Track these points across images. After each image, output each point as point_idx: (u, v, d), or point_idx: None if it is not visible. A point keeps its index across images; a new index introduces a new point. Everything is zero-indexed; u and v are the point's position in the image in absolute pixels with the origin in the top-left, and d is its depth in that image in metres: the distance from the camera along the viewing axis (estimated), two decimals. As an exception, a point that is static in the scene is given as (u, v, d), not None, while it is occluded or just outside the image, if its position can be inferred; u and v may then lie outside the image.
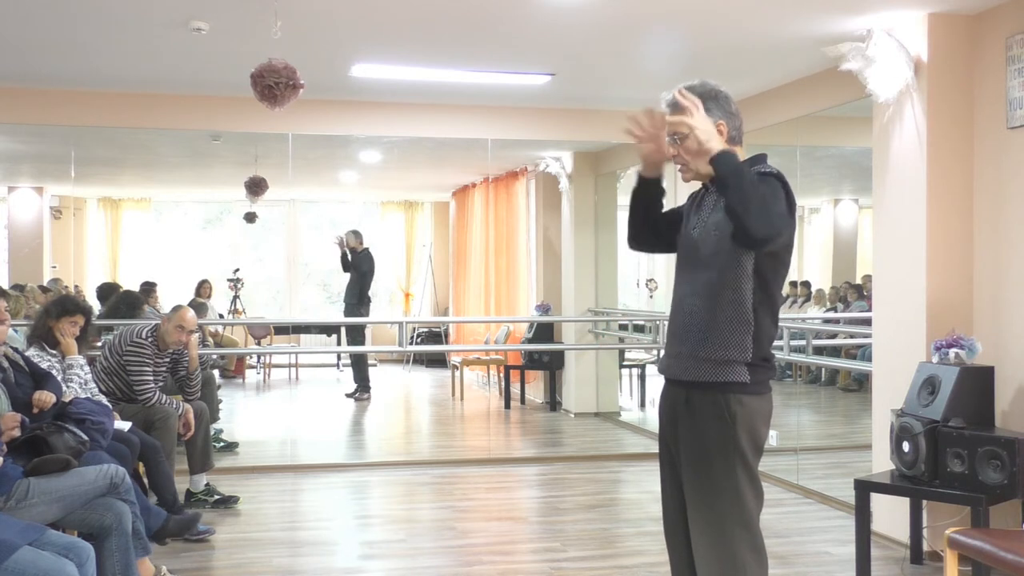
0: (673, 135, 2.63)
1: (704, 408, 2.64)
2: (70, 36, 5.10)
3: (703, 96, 2.62)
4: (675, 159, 2.67)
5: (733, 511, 2.62)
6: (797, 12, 4.63)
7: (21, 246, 9.65)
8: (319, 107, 6.64)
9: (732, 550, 2.60)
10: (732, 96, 2.72)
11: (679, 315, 2.73)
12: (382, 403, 9.89)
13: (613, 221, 9.41)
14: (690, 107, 2.54)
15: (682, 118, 2.55)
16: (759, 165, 2.64)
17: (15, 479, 3.44)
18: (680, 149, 2.63)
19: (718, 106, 2.64)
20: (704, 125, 2.54)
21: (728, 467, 2.61)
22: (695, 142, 2.54)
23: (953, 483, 4.03)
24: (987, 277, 4.60)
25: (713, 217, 2.66)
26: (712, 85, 2.69)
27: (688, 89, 2.62)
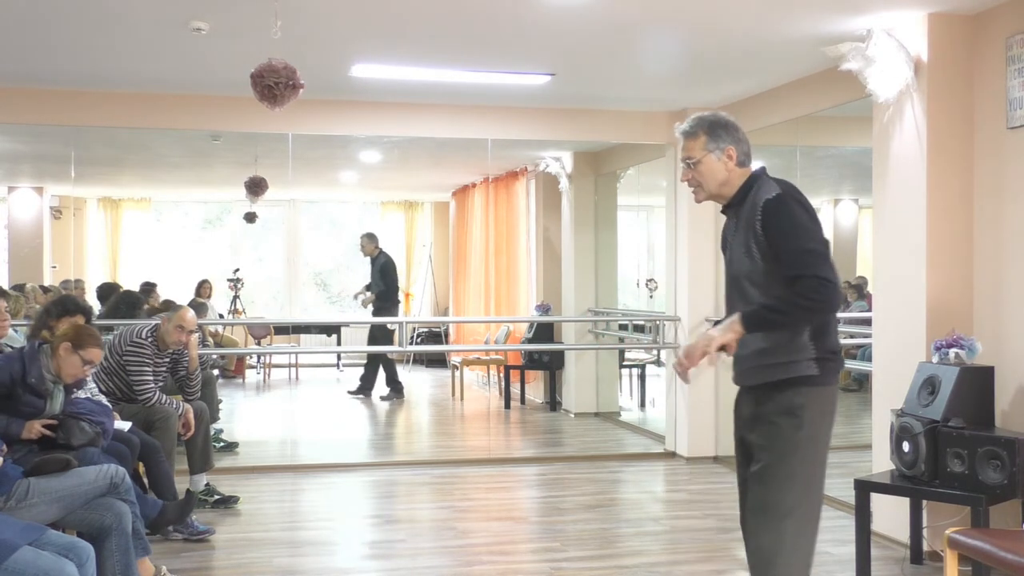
0: (686, 160, 2.87)
1: (774, 405, 2.76)
2: (70, 36, 5.10)
3: (713, 124, 2.86)
4: (688, 182, 2.90)
5: (796, 505, 2.73)
6: (797, 12, 4.63)
7: (21, 246, 9.65)
8: (319, 107, 6.63)
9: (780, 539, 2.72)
10: (739, 125, 2.92)
11: None
12: (382, 403, 9.89)
13: (613, 221, 9.42)
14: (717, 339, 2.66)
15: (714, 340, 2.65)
16: (764, 189, 2.79)
17: (15, 479, 3.45)
18: (693, 173, 2.87)
19: (727, 132, 2.86)
20: (719, 335, 2.66)
21: (800, 459, 2.74)
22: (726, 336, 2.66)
23: (953, 483, 4.03)
24: (987, 277, 4.60)
25: (738, 238, 2.83)
26: (723, 115, 2.92)
27: (699, 119, 2.88)
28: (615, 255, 9.40)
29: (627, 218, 9.67)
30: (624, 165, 8.97)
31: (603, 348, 9.26)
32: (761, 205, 2.73)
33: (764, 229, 2.72)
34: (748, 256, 2.77)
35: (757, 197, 2.77)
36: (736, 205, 2.86)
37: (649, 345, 8.62)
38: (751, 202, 2.79)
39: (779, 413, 2.75)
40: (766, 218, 2.71)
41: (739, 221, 2.83)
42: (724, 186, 2.86)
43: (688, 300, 7.15)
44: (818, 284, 2.61)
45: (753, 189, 2.82)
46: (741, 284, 2.81)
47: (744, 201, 2.82)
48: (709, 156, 2.83)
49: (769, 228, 2.71)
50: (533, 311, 9.61)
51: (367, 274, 10.10)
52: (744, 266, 2.79)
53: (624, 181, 9.32)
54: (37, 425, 3.81)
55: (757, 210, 2.74)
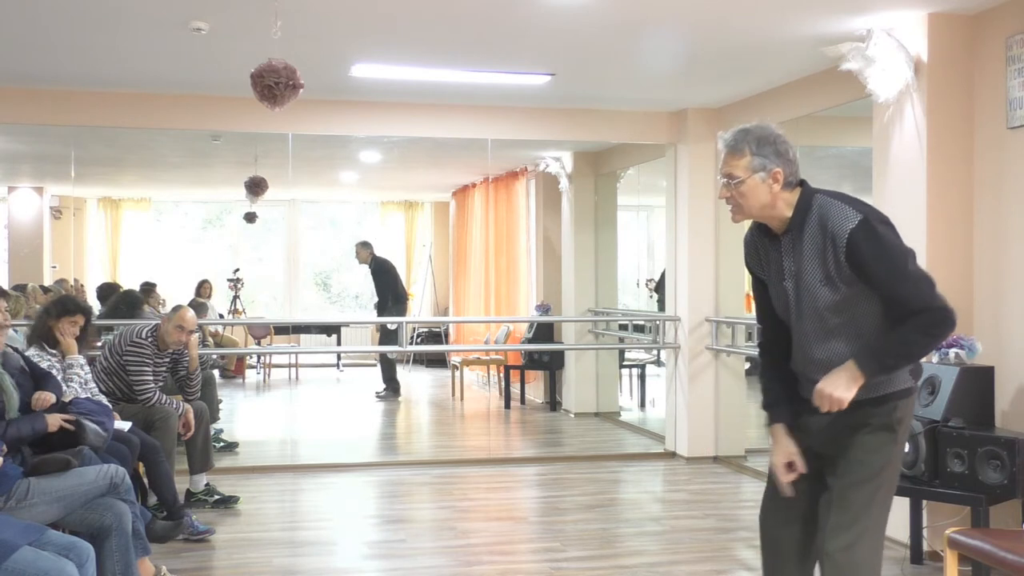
0: (727, 176, 2.63)
1: (874, 419, 2.64)
2: (70, 36, 5.10)
3: (761, 141, 2.60)
4: (726, 200, 2.67)
5: (882, 514, 2.72)
6: (797, 12, 4.63)
7: (21, 246, 9.66)
8: (319, 107, 6.63)
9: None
10: (790, 141, 2.67)
11: (816, 365, 2.66)
12: (382, 403, 9.89)
13: (613, 221, 9.42)
14: (835, 400, 2.55)
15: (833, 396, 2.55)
16: (836, 214, 2.57)
17: (15, 479, 3.45)
18: (733, 192, 2.63)
19: (776, 152, 2.61)
20: (842, 391, 2.54)
21: (892, 470, 2.71)
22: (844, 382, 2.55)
23: (953, 483, 4.03)
24: (987, 277, 4.60)
25: (808, 266, 2.61)
26: (772, 129, 2.66)
27: (746, 132, 2.63)
28: (615, 255, 9.40)
29: (627, 218, 9.67)
30: (624, 165, 8.96)
31: (603, 348, 9.26)
32: (846, 236, 2.51)
33: (853, 260, 2.52)
34: (830, 286, 2.57)
35: (830, 225, 2.55)
36: (794, 231, 2.62)
37: (649, 345, 8.62)
38: (818, 227, 2.58)
39: (878, 428, 2.64)
40: (854, 249, 2.51)
41: (803, 246, 2.60)
42: (766, 208, 2.63)
43: (688, 300, 7.14)
44: (943, 316, 2.52)
45: (813, 211, 2.59)
46: (822, 316, 2.62)
47: (804, 227, 2.60)
48: (753, 177, 2.59)
49: (861, 258, 2.51)
50: (533, 311, 9.61)
51: (369, 280, 10.14)
52: (825, 298, 2.59)
53: (624, 181, 9.32)
54: (58, 418, 3.81)
55: (840, 241, 2.52)
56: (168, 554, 4.58)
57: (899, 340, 2.54)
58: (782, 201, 2.62)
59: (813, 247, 2.59)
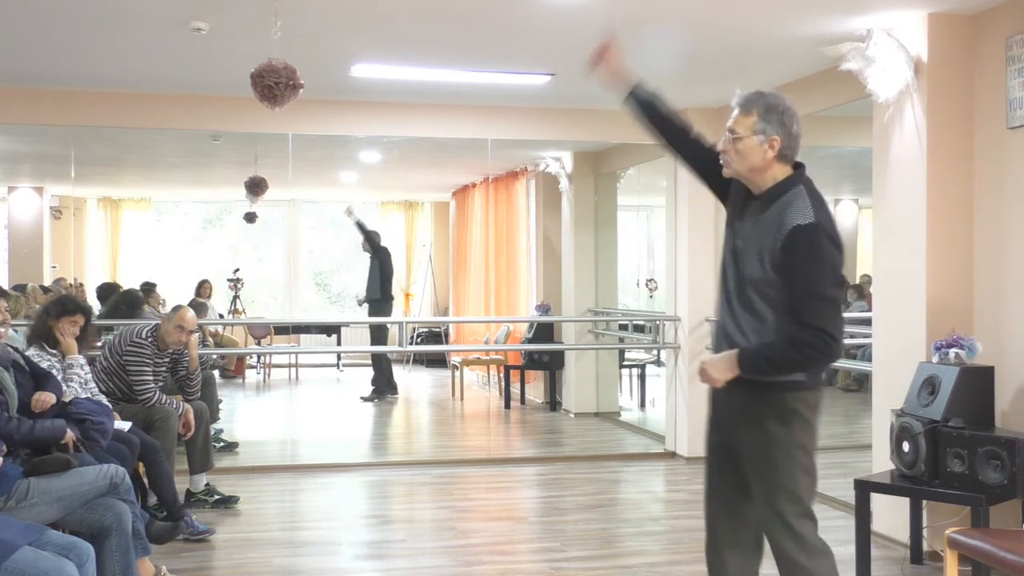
0: (730, 131, 2.75)
1: (767, 408, 2.74)
2: (70, 36, 5.10)
3: (769, 108, 2.72)
4: (723, 152, 2.79)
5: (792, 503, 2.75)
6: (797, 12, 4.63)
7: (21, 246, 9.65)
8: (319, 107, 6.63)
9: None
10: (797, 114, 2.78)
11: (730, 330, 2.80)
12: (382, 403, 9.88)
13: (613, 221, 9.42)
14: (710, 378, 2.73)
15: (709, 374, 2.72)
16: (797, 207, 2.66)
17: (15, 479, 3.44)
18: (731, 146, 2.75)
19: (780, 122, 2.72)
20: (719, 374, 2.70)
21: (789, 461, 2.73)
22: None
23: (953, 483, 4.03)
24: (987, 277, 4.60)
25: (754, 239, 2.72)
26: (785, 101, 2.77)
27: (759, 96, 2.74)
28: (615, 255, 9.40)
29: (627, 218, 9.67)
30: (624, 165, 8.96)
31: (603, 348, 9.26)
32: (790, 228, 2.61)
33: (784, 253, 2.61)
34: (760, 265, 2.67)
35: (788, 213, 2.64)
36: (764, 201, 2.73)
37: (649, 345, 8.62)
38: (779, 211, 2.67)
39: (770, 417, 2.72)
40: (790, 244, 2.60)
41: (760, 222, 2.71)
42: (755, 172, 2.73)
43: (688, 300, 7.14)
44: (825, 340, 2.59)
45: (787, 196, 2.68)
46: (747, 291, 2.73)
47: (773, 203, 2.70)
48: (752, 138, 2.70)
49: (790, 256, 2.61)
50: (533, 311, 9.61)
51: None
52: (755, 272, 2.69)
53: (624, 181, 9.32)
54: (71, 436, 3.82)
55: (784, 230, 2.62)
56: (168, 554, 4.58)
57: (773, 347, 2.67)
58: (771, 171, 2.74)
59: (767, 224, 2.70)
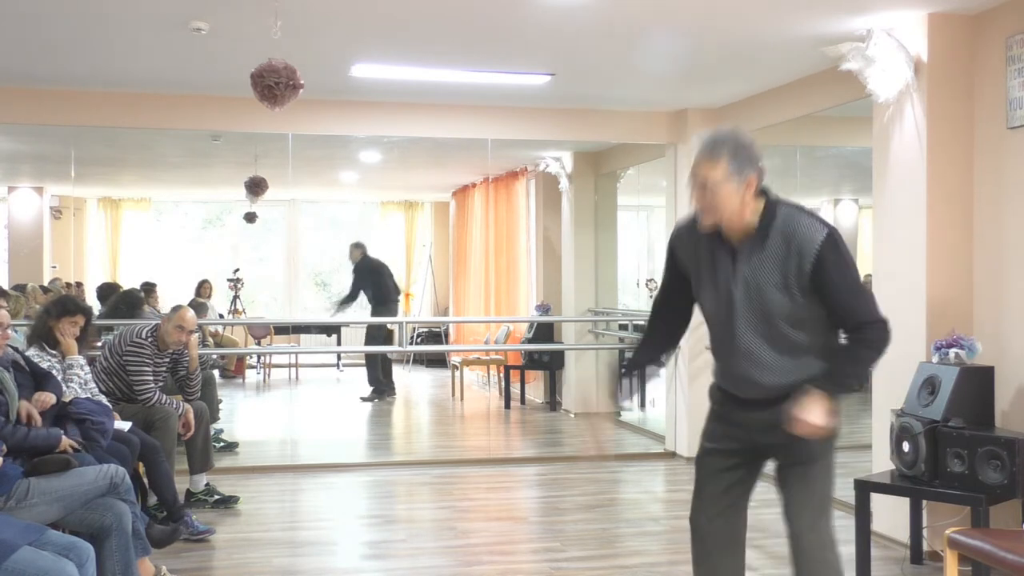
0: (703, 182, 2.63)
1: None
2: (70, 36, 5.10)
3: (737, 148, 2.62)
4: (700, 205, 2.68)
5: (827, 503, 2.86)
6: (797, 12, 4.63)
7: (21, 246, 9.65)
8: (319, 107, 6.63)
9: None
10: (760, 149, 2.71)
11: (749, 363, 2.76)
12: (382, 403, 9.88)
13: (613, 221, 9.42)
14: (812, 429, 2.67)
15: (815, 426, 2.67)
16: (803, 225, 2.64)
17: (15, 479, 3.44)
18: (706, 199, 2.65)
19: (750, 159, 2.64)
20: (823, 419, 2.66)
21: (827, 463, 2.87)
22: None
23: (953, 483, 4.03)
24: (987, 277, 4.60)
25: (765, 272, 2.66)
26: (746, 135, 2.68)
27: (721, 140, 2.64)
28: (615, 255, 9.40)
29: (627, 218, 9.67)
30: (624, 165, 8.96)
31: (603, 348, 9.26)
32: (817, 248, 2.59)
33: (818, 271, 2.60)
34: (786, 293, 2.63)
35: (798, 234, 2.62)
36: (757, 236, 2.66)
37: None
38: (784, 237, 2.63)
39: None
40: (822, 260, 2.59)
41: (763, 254, 2.65)
42: (735, 215, 2.65)
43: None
44: (885, 327, 2.67)
45: (778, 221, 2.65)
46: (777, 327, 2.68)
47: (768, 233, 2.65)
48: (729, 184, 2.60)
49: (827, 270, 2.60)
50: (533, 311, 9.60)
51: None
52: (780, 305, 2.65)
53: (624, 181, 9.32)
54: (67, 442, 3.81)
55: (808, 251, 2.60)
56: (168, 554, 4.57)
57: (852, 359, 2.69)
58: (749, 208, 2.67)
59: (774, 255, 2.65)
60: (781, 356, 2.71)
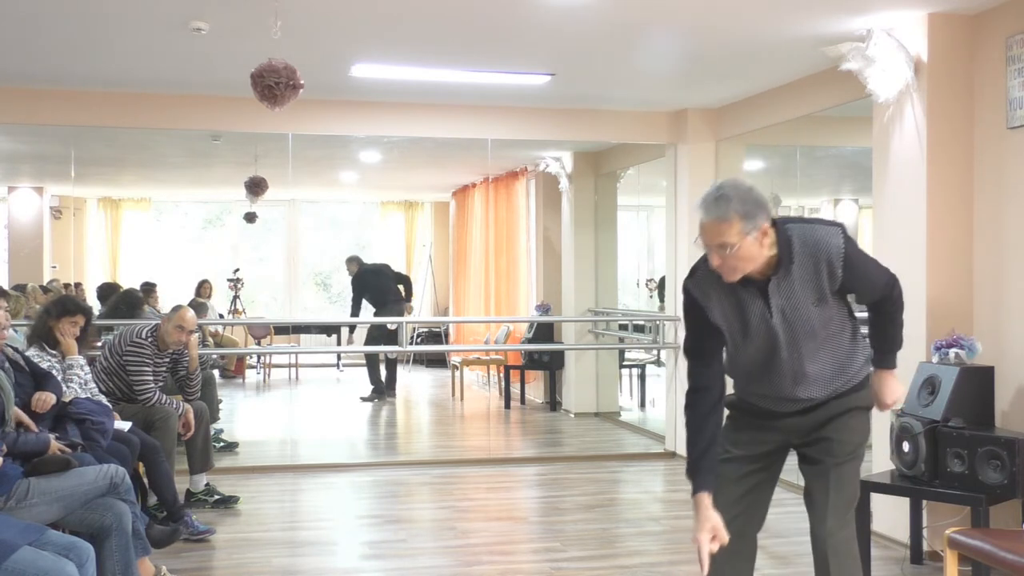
0: (720, 246, 2.59)
1: (854, 402, 2.85)
2: (70, 36, 5.10)
3: (744, 202, 2.56)
4: (720, 267, 2.64)
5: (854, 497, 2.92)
6: (797, 12, 4.63)
7: (21, 246, 9.65)
8: (319, 107, 6.63)
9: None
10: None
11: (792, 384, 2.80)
12: (382, 403, 9.89)
13: (613, 221, 9.42)
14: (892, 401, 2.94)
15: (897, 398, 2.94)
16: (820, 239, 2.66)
17: (15, 479, 3.44)
18: (727, 258, 2.60)
19: (756, 205, 2.59)
20: (900, 392, 2.97)
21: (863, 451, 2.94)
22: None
23: (953, 483, 4.03)
24: (987, 277, 4.60)
25: (799, 293, 2.69)
26: (744, 183, 2.65)
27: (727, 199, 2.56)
28: (615, 255, 9.40)
29: (627, 218, 9.67)
30: (624, 165, 8.96)
31: (603, 348, 9.26)
32: (842, 252, 2.66)
33: (848, 272, 2.69)
34: (822, 304, 2.70)
35: (820, 250, 2.64)
36: (783, 267, 2.66)
37: (649, 345, 8.62)
38: (808, 258, 2.65)
39: (859, 409, 2.86)
40: (850, 262, 2.68)
41: (792, 279, 2.67)
42: (757, 261, 2.64)
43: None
44: (898, 284, 2.86)
45: (795, 243, 2.65)
46: (816, 334, 2.73)
47: (792, 260, 2.65)
48: (746, 240, 2.57)
49: (854, 269, 2.70)
50: (533, 311, 9.60)
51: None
52: (817, 317, 2.71)
53: (624, 181, 9.32)
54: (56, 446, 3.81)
55: (835, 259, 2.65)
56: (168, 554, 4.57)
57: (894, 325, 2.89)
58: (767, 248, 2.64)
59: (804, 275, 2.68)
60: (823, 367, 2.78)
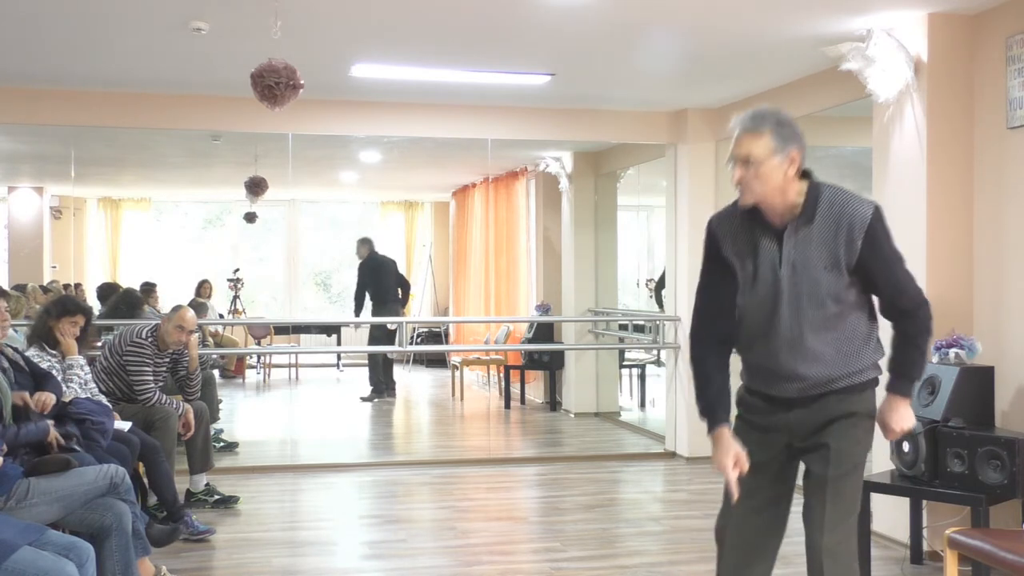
0: (745, 158, 2.57)
1: (855, 406, 2.71)
2: (70, 36, 5.10)
3: (780, 123, 2.58)
4: (739, 182, 2.61)
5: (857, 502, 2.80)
6: (797, 12, 4.63)
7: (21, 246, 9.66)
8: (319, 107, 6.63)
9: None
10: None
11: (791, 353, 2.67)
12: (382, 403, 9.89)
13: (613, 221, 9.42)
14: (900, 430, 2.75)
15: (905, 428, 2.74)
16: (850, 202, 2.60)
17: (15, 479, 3.44)
18: (749, 174, 2.58)
19: (793, 135, 2.58)
20: (909, 422, 2.73)
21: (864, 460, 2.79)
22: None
23: (953, 483, 4.03)
24: (987, 277, 4.60)
25: (813, 252, 2.60)
26: (784, 112, 2.65)
27: (764, 115, 2.59)
28: (615, 255, 9.40)
29: (627, 218, 9.67)
30: (624, 165, 8.96)
31: (603, 348, 9.26)
32: (868, 219, 2.56)
33: (868, 245, 2.57)
34: (835, 272, 2.58)
35: (848, 210, 2.57)
36: (804, 216, 2.59)
37: (649, 345, 8.62)
38: (832, 216, 2.58)
39: (862, 416, 2.71)
40: (873, 234, 2.57)
41: (811, 234, 2.59)
42: (777, 192, 2.58)
43: (688, 300, 7.14)
44: (930, 311, 2.69)
45: (824, 200, 2.59)
46: (823, 302, 2.61)
47: (815, 213, 2.59)
48: (772, 159, 2.54)
49: (877, 244, 2.58)
50: (533, 311, 9.61)
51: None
52: (828, 284, 2.59)
53: (624, 181, 9.32)
54: (55, 434, 3.81)
55: (859, 224, 2.56)
56: (168, 554, 4.57)
57: (915, 349, 2.68)
58: (793, 188, 2.60)
59: (823, 234, 2.59)
60: (825, 345, 2.63)
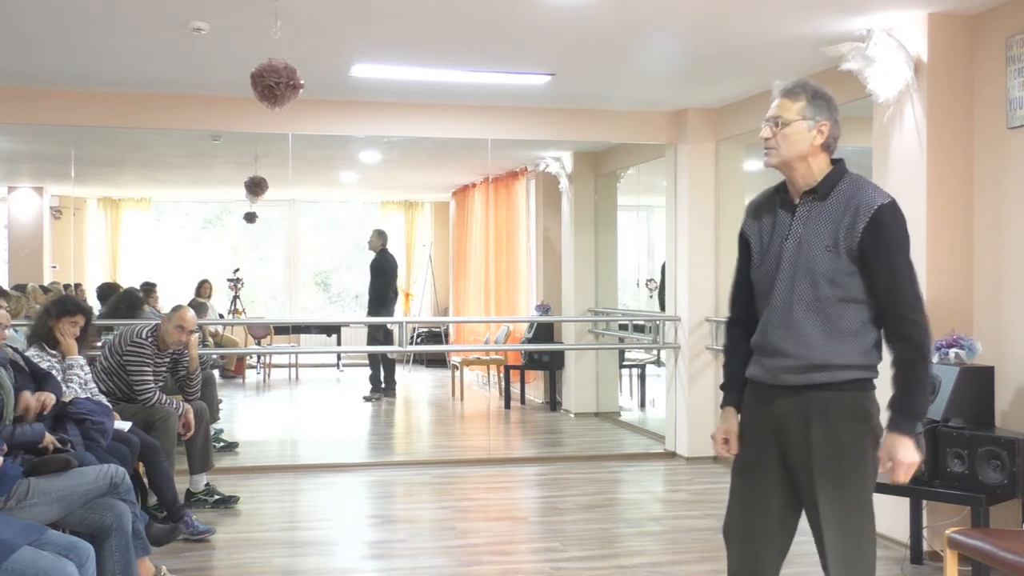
0: (775, 118, 2.63)
1: (843, 409, 2.60)
2: (70, 36, 5.10)
3: (817, 93, 2.64)
4: (766, 141, 2.65)
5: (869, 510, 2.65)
6: (797, 12, 4.63)
7: (21, 246, 9.66)
8: (319, 107, 6.63)
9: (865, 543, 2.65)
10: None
11: (788, 326, 2.63)
12: (382, 403, 9.89)
13: (613, 221, 9.42)
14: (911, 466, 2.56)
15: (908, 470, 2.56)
16: (869, 190, 2.60)
17: (15, 479, 3.44)
18: (778, 134, 2.63)
19: (828, 108, 2.65)
20: (913, 457, 2.54)
21: (870, 463, 2.61)
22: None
23: (953, 483, 4.03)
24: (987, 277, 4.60)
25: (816, 229, 2.59)
26: (826, 89, 2.69)
27: (805, 83, 2.65)
28: (615, 255, 9.40)
29: (627, 218, 9.67)
30: (624, 165, 8.96)
31: (603, 348, 9.26)
32: (875, 208, 2.54)
33: (871, 233, 2.53)
34: (833, 252, 2.56)
35: (861, 195, 2.57)
36: (819, 193, 2.62)
37: (649, 345, 8.62)
38: (845, 197, 2.59)
39: (849, 419, 2.59)
40: (877, 222, 2.53)
41: (820, 213, 2.60)
42: (800, 160, 2.62)
43: (688, 300, 7.15)
44: (930, 335, 2.58)
45: (844, 183, 2.62)
46: (817, 281, 2.58)
47: (830, 192, 2.61)
48: (802, 122, 2.60)
49: (880, 233, 2.54)
50: (533, 311, 9.60)
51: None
52: (824, 263, 2.56)
53: (624, 181, 9.32)
54: (50, 438, 3.81)
55: (865, 211, 2.54)
56: (168, 554, 4.57)
57: (915, 379, 2.56)
58: (816, 160, 2.64)
59: (831, 214, 2.59)
60: (812, 326, 2.58)
